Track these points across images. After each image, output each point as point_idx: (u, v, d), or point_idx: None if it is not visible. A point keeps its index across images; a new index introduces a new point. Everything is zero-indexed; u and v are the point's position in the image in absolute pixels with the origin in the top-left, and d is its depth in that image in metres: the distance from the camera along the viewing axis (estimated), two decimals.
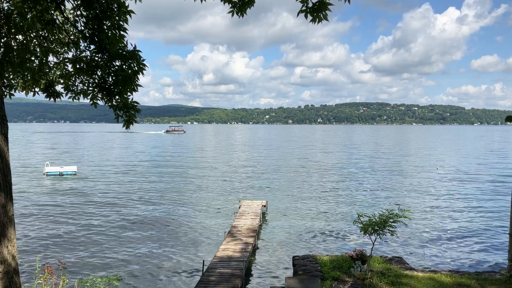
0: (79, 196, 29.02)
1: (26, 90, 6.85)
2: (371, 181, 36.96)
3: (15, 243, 4.39)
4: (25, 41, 6.36)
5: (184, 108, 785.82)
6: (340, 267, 11.49)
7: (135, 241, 18.51)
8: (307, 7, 5.46)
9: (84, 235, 19.41)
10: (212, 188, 33.35)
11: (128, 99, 6.24)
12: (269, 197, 28.18)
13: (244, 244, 15.90)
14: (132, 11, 5.56)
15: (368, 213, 11.36)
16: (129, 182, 36.00)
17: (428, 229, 20.73)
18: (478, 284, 10.31)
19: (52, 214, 23.61)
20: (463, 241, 18.98)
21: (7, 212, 4.24)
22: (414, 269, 11.88)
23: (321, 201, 27.96)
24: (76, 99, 6.73)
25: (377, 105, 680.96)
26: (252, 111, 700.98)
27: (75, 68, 6.23)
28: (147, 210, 24.77)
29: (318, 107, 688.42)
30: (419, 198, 29.15)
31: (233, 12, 6.08)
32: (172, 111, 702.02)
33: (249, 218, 20.36)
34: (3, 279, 4.16)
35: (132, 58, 5.90)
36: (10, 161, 4.47)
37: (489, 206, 26.48)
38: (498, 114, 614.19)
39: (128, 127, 6.40)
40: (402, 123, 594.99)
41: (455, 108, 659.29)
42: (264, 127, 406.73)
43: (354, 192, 31.61)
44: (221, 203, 27.03)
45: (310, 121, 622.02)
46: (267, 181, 36.73)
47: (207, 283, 11.93)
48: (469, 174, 42.75)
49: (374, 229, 10.43)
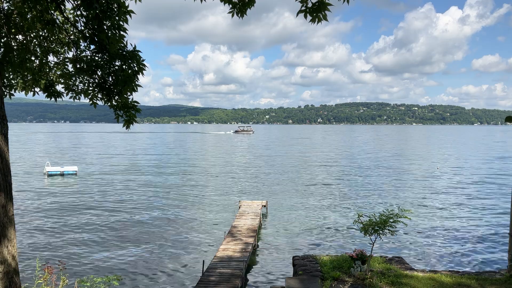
0: (79, 196, 29.01)
1: (26, 90, 6.85)
2: (371, 181, 36.96)
3: (15, 243, 4.39)
4: (25, 41, 6.37)
5: (184, 108, 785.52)
6: (340, 267, 11.48)
7: (135, 241, 18.51)
8: (307, 7, 5.46)
9: (84, 235, 19.41)
10: (212, 188, 33.35)
11: (128, 99, 6.25)
12: (269, 197, 28.18)
13: (244, 244, 15.90)
14: (132, 11, 5.56)
15: (368, 213, 11.36)
16: (129, 182, 35.99)
17: (428, 229, 20.73)
18: (478, 284, 10.30)
19: (53, 214, 23.61)
20: (463, 241, 18.98)
21: (7, 212, 4.24)
22: (414, 269, 11.87)
23: (321, 201, 27.95)
24: (76, 99, 6.74)
25: (377, 105, 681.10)
26: (252, 111, 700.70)
27: (75, 68, 6.23)
28: (147, 210, 24.77)
29: (318, 107, 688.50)
30: (419, 198, 29.14)
31: (233, 13, 6.08)
32: (172, 111, 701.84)
33: (249, 218, 20.36)
34: (3, 279, 4.16)
35: (132, 58, 5.91)
36: (10, 161, 4.47)
37: (489, 206, 26.48)
38: (498, 114, 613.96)
39: (128, 127, 6.41)
40: (402, 123, 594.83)
41: (455, 108, 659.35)
42: (264, 127, 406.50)
43: (354, 192, 31.60)
44: (221, 203, 27.04)
45: (310, 121, 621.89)
46: (267, 181, 36.73)
47: (207, 283, 11.92)
48: (469, 174, 42.76)
49: (374, 229, 10.42)
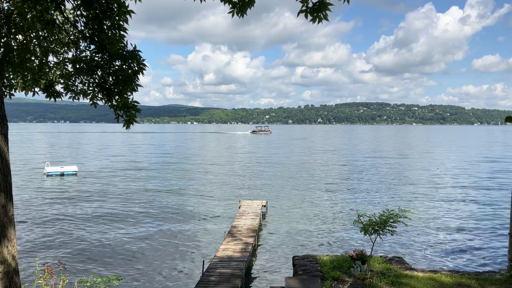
0: (79, 196, 29.01)
1: (26, 90, 6.84)
2: (372, 181, 36.95)
3: (15, 243, 4.39)
4: (25, 41, 6.36)
5: (184, 108, 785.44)
6: (340, 267, 11.47)
7: (135, 241, 18.51)
8: (307, 7, 5.45)
9: (84, 235, 19.40)
10: (212, 188, 33.34)
11: (128, 99, 6.25)
12: (269, 197, 28.18)
13: (244, 244, 15.89)
14: (132, 11, 5.55)
15: (368, 213, 11.35)
16: (130, 181, 35.99)
17: (428, 229, 20.73)
18: (478, 284, 10.30)
19: (53, 214, 23.60)
20: (463, 241, 18.98)
21: (7, 212, 4.23)
22: (414, 269, 11.86)
23: (322, 201, 27.95)
24: (76, 99, 6.74)
25: (377, 105, 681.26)
26: (252, 111, 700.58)
27: (75, 68, 6.23)
28: (147, 210, 24.76)
29: (318, 107, 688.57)
30: (419, 198, 29.14)
31: (233, 13, 6.07)
32: (172, 111, 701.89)
33: (249, 218, 20.35)
34: (3, 279, 4.16)
35: (132, 58, 5.90)
36: (10, 161, 4.46)
37: (489, 206, 26.48)
38: (498, 114, 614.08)
39: (128, 127, 6.41)
40: (402, 123, 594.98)
41: (455, 108, 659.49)
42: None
43: (354, 192, 31.60)
44: (221, 203, 27.03)
45: (310, 121, 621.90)
46: (267, 181, 36.73)
47: (207, 283, 11.92)
48: (469, 174, 42.75)
49: (374, 229, 10.42)
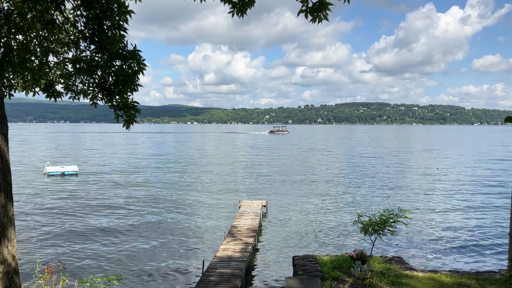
0: (80, 196, 29.01)
1: (26, 90, 6.84)
2: (371, 181, 36.94)
3: (15, 243, 4.39)
4: (25, 41, 6.36)
5: (184, 108, 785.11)
6: (340, 267, 11.47)
7: (135, 241, 18.51)
8: (307, 7, 5.45)
9: (84, 235, 19.40)
10: (212, 188, 33.34)
11: (128, 99, 6.24)
12: (269, 197, 28.18)
13: (244, 244, 15.89)
14: (132, 11, 5.55)
15: (368, 213, 11.35)
16: (130, 181, 35.99)
17: (428, 229, 20.72)
18: (478, 284, 10.30)
19: (53, 214, 23.61)
20: (463, 241, 18.98)
21: (7, 212, 4.23)
22: (414, 269, 11.87)
23: (321, 201, 27.95)
24: (76, 99, 6.74)
25: (377, 105, 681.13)
26: (252, 111, 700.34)
27: (75, 68, 6.23)
28: (147, 210, 24.77)
29: (318, 107, 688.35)
30: (419, 198, 29.14)
31: (233, 13, 6.07)
32: (172, 111, 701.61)
33: (249, 218, 20.35)
34: (3, 279, 4.16)
35: (132, 58, 5.90)
36: (10, 161, 4.46)
37: (489, 206, 26.47)
38: (498, 114, 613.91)
39: (128, 127, 6.41)
40: (402, 123, 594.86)
41: (455, 108, 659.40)
42: (264, 127, 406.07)
43: (354, 192, 31.60)
44: (221, 203, 27.03)
45: (310, 121, 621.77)
46: (267, 181, 36.73)
47: (207, 283, 11.92)
48: (469, 174, 42.75)
49: (374, 229, 10.43)
